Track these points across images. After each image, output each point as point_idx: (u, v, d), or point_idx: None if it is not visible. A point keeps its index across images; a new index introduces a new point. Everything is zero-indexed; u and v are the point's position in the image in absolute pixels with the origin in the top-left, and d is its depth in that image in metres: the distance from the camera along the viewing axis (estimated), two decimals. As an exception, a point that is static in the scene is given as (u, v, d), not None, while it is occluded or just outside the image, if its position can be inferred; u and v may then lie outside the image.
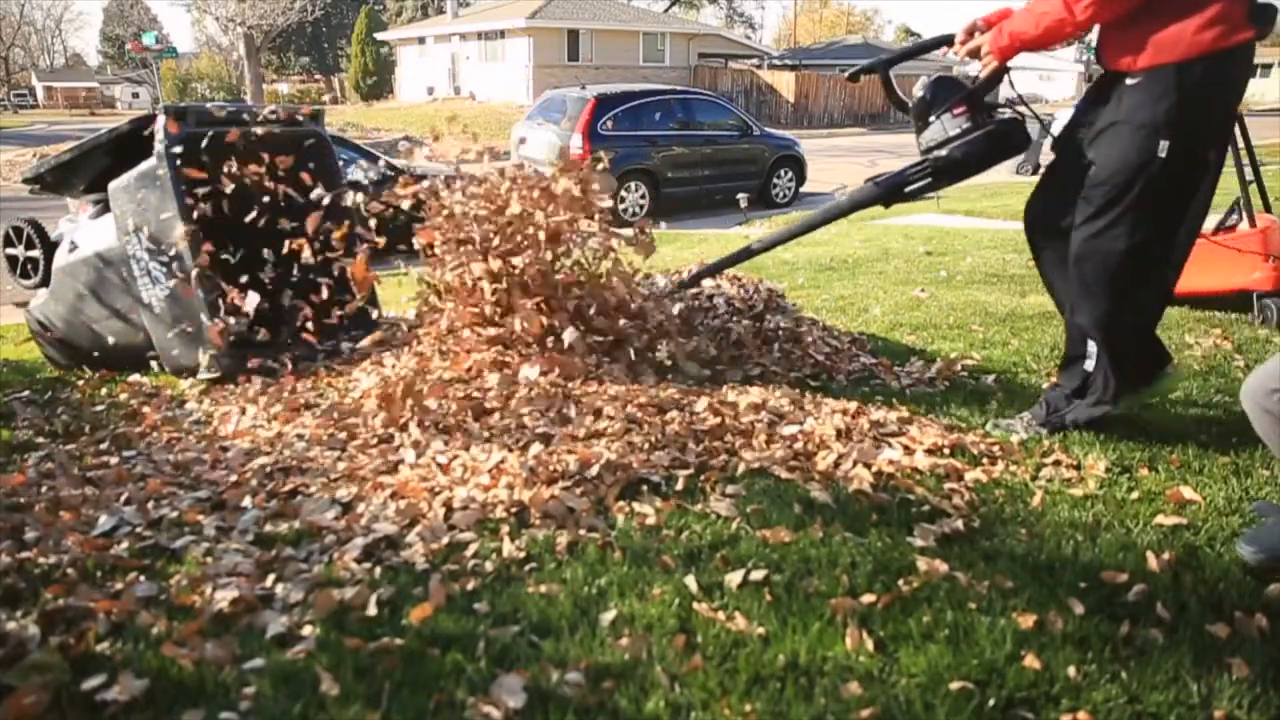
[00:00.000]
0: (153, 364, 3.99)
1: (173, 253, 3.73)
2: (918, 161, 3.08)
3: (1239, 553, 2.17)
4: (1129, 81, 2.57)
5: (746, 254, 3.73)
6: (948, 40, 2.96)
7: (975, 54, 2.83)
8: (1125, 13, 2.53)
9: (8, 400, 3.81)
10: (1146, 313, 2.82)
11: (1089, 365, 2.85)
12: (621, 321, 3.49)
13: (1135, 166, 2.56)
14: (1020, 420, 2.99)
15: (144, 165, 3.76)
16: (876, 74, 3.23)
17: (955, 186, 3.65)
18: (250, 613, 1.92)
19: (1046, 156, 3.00)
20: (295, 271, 4.00)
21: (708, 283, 4.34)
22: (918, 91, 3.02)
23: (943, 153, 2.96)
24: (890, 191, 3.17)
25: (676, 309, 4.06)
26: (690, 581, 1.99)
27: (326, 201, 3.82)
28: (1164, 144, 2.49)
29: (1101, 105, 2.69)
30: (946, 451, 2.74)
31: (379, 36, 38.57)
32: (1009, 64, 2.80)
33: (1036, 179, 3.11)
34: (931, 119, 2.96)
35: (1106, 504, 2.44)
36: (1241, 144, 4.91)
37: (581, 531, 2.23)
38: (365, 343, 3.85)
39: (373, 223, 4.02)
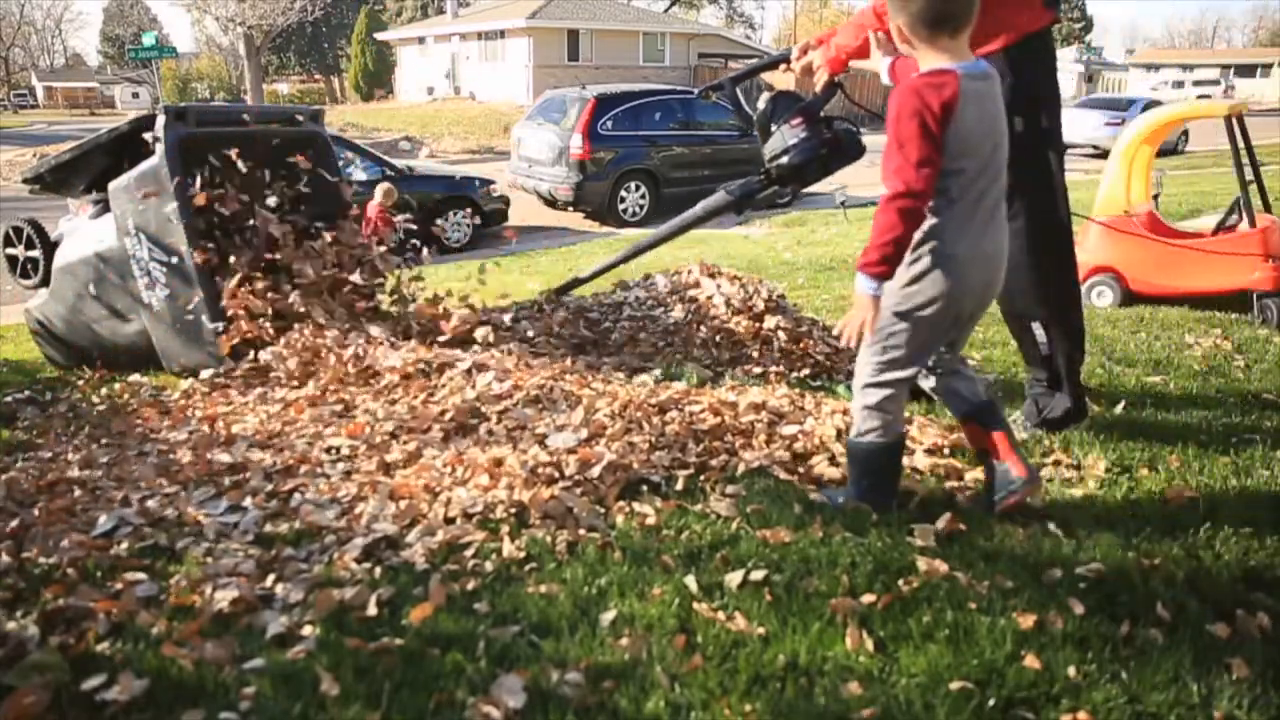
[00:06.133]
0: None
1: (173, 252, 3.73)
2: (762, 170, 3.20)
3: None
4: None
5: (605, 268, 4.02)
6: (784, 58, 3.15)
7: (809, 70, 2.99)
8: None
9: (8, 400, 3.81)
10: (1074, 270, 2.96)
11: (1045, 349, 2.95)
12: None
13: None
14: (1015, 425, 2.99)
15: (144, 165, 3.76)
16: (724, 90, 3.61)
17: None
18: (250, 613, 1.91)
19: None
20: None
21: (708, 283, 4.34)
22: (760, 105, 3.16)
23: (783, 160, 3.07)
24: (741, 199, 3.34)
25: (679, 311, 4.07)
26: (690, 581, 1.99)
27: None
28: (1018, 120, 2.64)
29: None
30: (946, 451, 2.74)
31: (379, 36, 38.55)
32: (839, 79, 2.98)
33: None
34: (773, 130, 3.10)
35: (1106, 504, 2.44)
36: (1242, 144, 4.92)
37: (581, 531, 2.23)
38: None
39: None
